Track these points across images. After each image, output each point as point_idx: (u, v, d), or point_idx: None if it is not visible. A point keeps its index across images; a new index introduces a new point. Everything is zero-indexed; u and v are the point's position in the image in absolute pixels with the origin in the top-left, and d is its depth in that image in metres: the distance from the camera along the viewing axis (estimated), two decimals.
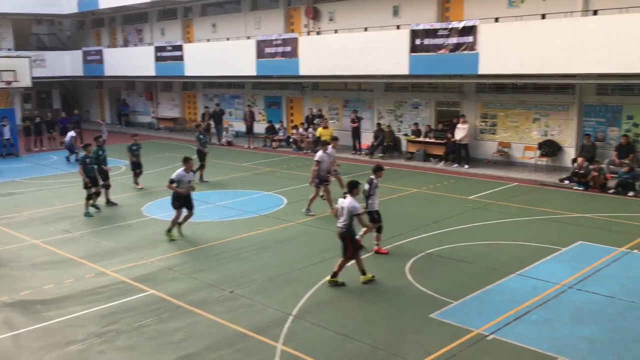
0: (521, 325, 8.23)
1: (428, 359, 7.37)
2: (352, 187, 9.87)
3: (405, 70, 20.40)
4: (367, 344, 7.81)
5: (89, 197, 15.01)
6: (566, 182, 17.32)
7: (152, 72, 30.85)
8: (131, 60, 32.13)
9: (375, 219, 11.33)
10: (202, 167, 18.90)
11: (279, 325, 8.40)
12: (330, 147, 14.64)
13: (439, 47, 19.47)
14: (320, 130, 21.77)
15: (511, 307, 8.81)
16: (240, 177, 19.41)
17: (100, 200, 15.64)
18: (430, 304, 9.01)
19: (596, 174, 16.53)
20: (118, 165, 21.45)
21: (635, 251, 11.21)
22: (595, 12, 16.89)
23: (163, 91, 34.52)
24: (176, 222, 12.85)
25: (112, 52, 34.10)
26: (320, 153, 14.33)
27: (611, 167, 17.41)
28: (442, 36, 19.35)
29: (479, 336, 7.93)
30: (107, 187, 15.99)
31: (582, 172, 16.88)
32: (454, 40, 19.04)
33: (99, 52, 34.14)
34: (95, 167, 15.40)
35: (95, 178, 15.29)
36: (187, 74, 28.94)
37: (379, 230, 11.43)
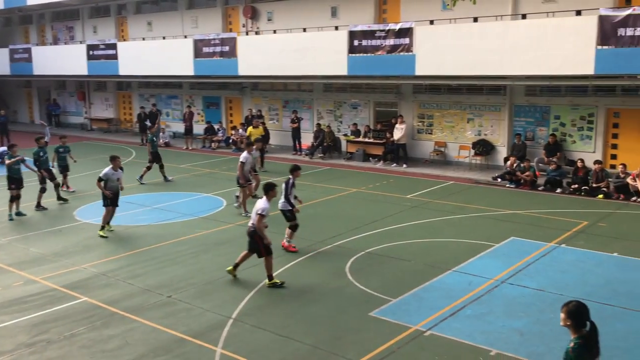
0: (457, 321, 8.44)
1: (368, 356, 7.45)
2: (268, 189, 10.06)
3: (343, 71, 20.58)
4: (308, 345, 7.82)
5: (11, 200, 14.41)
6: (499, 180, 17.91)
7: (85, 71, 29.84)
8: (62, 59, 30.95)
9: (288, 217, 11.60)
10: (161, 167, 18.84)
11: (218, 329, 8.29)
12: (254, 148, 14.99)
13: (376, 48, 19.74)
14: (250, 129, 21.66)
15: (447, 302, 9.02)
16: (178, 179, 19.05)
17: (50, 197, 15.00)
18: (369, 302, 9.11)
19: (527, 174, 17.16)
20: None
21: (563, 245, 11.71)
22: (524, 16, 17.55)
23: (96, 91, 33.47)
24: (108, 220, 13.02)
25: (41, 50, 32.76)
26: (245, 154, 14.47)
27: (540, 165, 18.14)
28: (379, 37, 19.62)
29: (417, 332, 8.08)
30: (42, 190, 15.54)
31: (513, 170, 17.50)
32: (391, 41, 19.35)
33: (27, 50, 32.72)
34: (21, 167, 14.78)
35: (20, 180, 14.61)
36: (121, 73, 28.16)
37: (293, 228, 11.64)
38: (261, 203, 9.85)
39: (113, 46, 28.24)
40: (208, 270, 10.68)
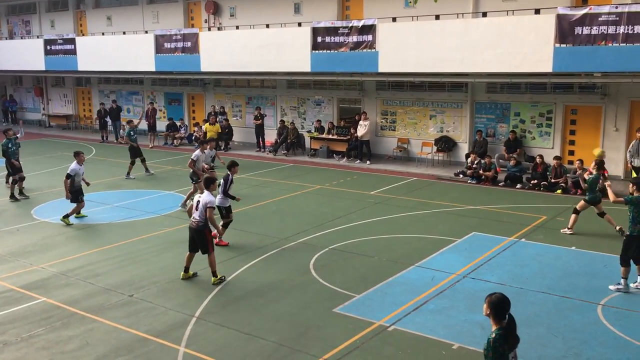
0: (420, 315, 8.54)
1: (332, 352, 7.47)
2: (210, 183, 10.13)
3: (307, 68, 20.55)
4: (272, 342, 7.80)
5: None
6: (460, 176, 18.18)
7: (42, 67, 29.06)
8: (18, 54, 30.05)
9: (223, 214, 11.74)
10: (143, 161, 18.93)
11: (181, 328, 8.20)
12: (208, 147, 15.09)
13: (339, 45, 19.77)
14: (207, 126, 21.50)
15: (411, 297, 9.11)
16: (140, 177, 18.74)
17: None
18: (333, 298, 9.13)
19: (490, 174, 17.46)
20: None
21: (523, 240, 11.96)
22: (484, 14, 17.83)
23: (54, 87, 32.65)
24: (77, 212, 13.47)
25: None
26: (197, 152, 14.47)
27: (501, 161, 18.48)
28: (342, 34, 19.66)
29: (380, 327, 8.14)
30: (21, 179, 15.90)
31: (474, 166, 17.78)
32: (354, 38, 19.42)
33: None
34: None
35: None
36: (80, 68, 27.50)
37: (226, 225, 11.78)
38: (207, 197, 9.77)
39: (71, 41, 27.57)
40: (170, 268, 10.53)
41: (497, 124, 19.48)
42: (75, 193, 13.35)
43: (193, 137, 25.44)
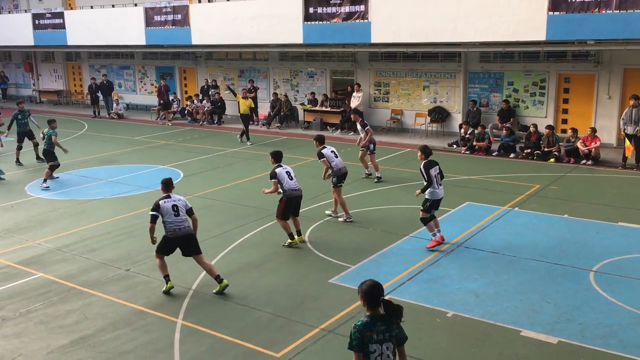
0: (414, 284, 8.63)
1: (328, 322, 7.56)
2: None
3: (299, 39, 20.36)
4: (268, 313, 7.88)
5: None
6: (454, 146, 18.20)
7: (31, 42, 28.66)
8: (5, 29, 29.59)
9: None
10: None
11: (178, 301, 8.27)
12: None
13: (332, 15, 19.57)
14: (239, 99, 20.16)
15: (405, 267, 9.20)
16: (133, 152, 18.68)
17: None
18: (329, 269, 9.21)
19: (482, 144, 17.48)
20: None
21: (516, 209, 12.04)
22: None
23: (44, 62, 32.27)
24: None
25: None
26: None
27: (494, 131, 18.49)
28: (335, 5, 19.44)
29: None
30: (35, 144, 17.33)
31: (467, 136, 17.78)
32: (346, 9, 19.21)
33: None
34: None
35: None
36: (70, 43, 27.15)
37: None
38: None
39: (60, 15, 27.16)
40: None
41: (490, 94, 19.44)
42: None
43: (186, 112, 25.29)
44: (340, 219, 11.61)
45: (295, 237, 10.25)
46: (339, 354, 6.86)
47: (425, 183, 9.84)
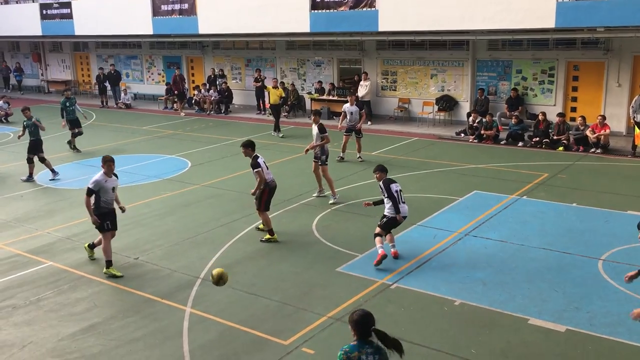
0: (422, 273, 8.64)
1: (336, 310, 7.59)
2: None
3: (306, 28, 20.27)
4: (276, 301, 7.92)
5: None
6: (462, 135, 18.13)
7: (39, 32, 28.71)
8: (14, 19, 29.65)
9: None
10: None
11: (186, 289, 8.32)
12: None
13: (339, 4, 19.46)
14: (270, 89, 19.75)
15: (413, 256, 9.20)
16: (141, 141, 18.73)
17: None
18: (336, 258, 9.23)
19: (490, 133, 17.39)
20: (6, 133, 20.06)
21: (525, 197, 12.00)
22: None
23: (52, 52, 32.33)
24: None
25: None
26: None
27: (502, 119, 18.39)
28: None
29: (383, 285, 8.25)
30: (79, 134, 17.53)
31: (475, 125, 17.71)
32: None
33: None
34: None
35: None
36: (77, 33, 27.17)
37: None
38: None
39: (67, 5, 27.16)
40: (174, 232, 10.63)
41: (498, 82, 19.33)
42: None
43: (193, 101, 25.30)
44: (321, 195, 12.25)
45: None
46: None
47: (383, 198, 9.28)
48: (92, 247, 9.51)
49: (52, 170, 14.50)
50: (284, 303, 7.85)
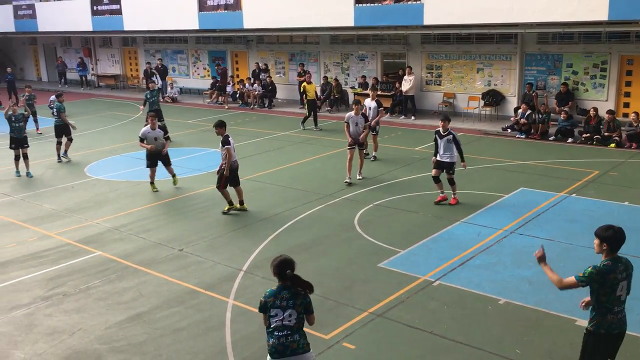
0: (466, 270, 8.51)
1: (377, 306, 7.55)
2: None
3: (350, 22, 20.20)
4: (317, 295, 7.90)
5: (15, 159, 14.47)
6: (509, 130, 17.76)
7: (89, 27, 29.52)
8: (66, 15, 30.57)
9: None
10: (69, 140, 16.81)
11: (229, 281, 8.42)
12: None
13: None
14: (305, 85, 19.90)
15: (456, 253, 9.08)
16: (186, 135, 19.05)
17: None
18: (378, 254, 9.18)
19: (541, 126, 16.98)
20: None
21: (574, 195, 11.67)
22: None
23: (102, 47, 33.17)
24: (152, 180, 13.01)
25: (45, 6, 32.33)
26: (349, 114, 13.06)
27: (551, 115, 17.92)
28: None
29: (425, 282, 8.17)
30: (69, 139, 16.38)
31: (525, 120, 17.31)
32: None
33: (31, 7, 32.32)
34: (20, 125, 14.43)
35: (18, 139, 14.44)
36: (126, 28, 27.81)
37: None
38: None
39: (117, 1, 27.82)
40: (218, 224, 10.78)
41: (548, 76, 18.83)
42: (150, 157, 12.86)
43: (237, 95, 25.56)
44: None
45: (236, 204, 11.23)
46: (387, 337, 6.86)
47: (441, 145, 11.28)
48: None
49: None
50: (325, 297, 7.86)
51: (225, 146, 10.86)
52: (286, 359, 4.91)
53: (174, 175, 13.22)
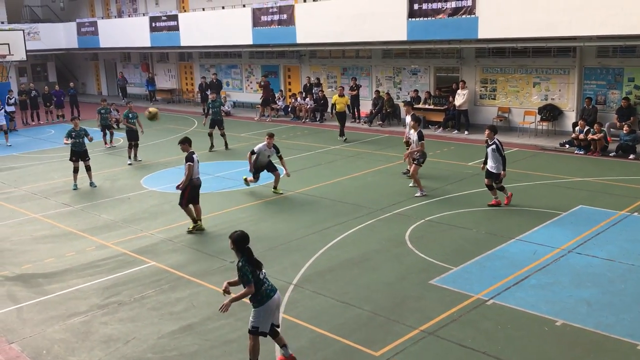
0: (521, 290, 8.26)
1: (428, 324, 7.41)
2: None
3: (403, 36, 20.15)
4: (368, 311, 7.85)
5: (74, 171, 14.95)
6: (567, 146, 17.24)
7: (148, 43, 30.49)
8: (126, 31, 31.72)
9: None
10: (135, 146, 18.14)
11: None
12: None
13: (437, 11, 19.19)
14: (335, 97, 20.28)
15: (511, 272, 8.83)
16: (238, 148, 19.32)
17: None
18: (430, 270, 9.03)
19: (598, 136, 16.42)
20: (116, 138, 21.38)
21: (635, 214, 11.20)
22: None
23: (159, 62, 34.17)
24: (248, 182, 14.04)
25: (106, 23, 33.65)
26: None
27: (612, 130, 17.32)
28: (440, 0, 19.04)
29: (478, 301, 7.97)
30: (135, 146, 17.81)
31: (582, 136, 16.77)
32: (452, 4, 18.77)
33: (94, 24, 33.69)
34: (82, 140, 14.94)
35: (78, 152, 14.95)
36: (182, 44, 28.60)
37: None
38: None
39: (174, 17, 28.67)
40: (268, 237, 10.84)
41: (608, 91, 18.22)
42: (257, 170, 13.69)
43: (289, 109, 25.80)
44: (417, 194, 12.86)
45: (200, 223, 11.36)
46: (439, 356, 6.71)
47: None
48: None
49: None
50: (375, 313, 7.77)
51: (188, 162, 11.00)
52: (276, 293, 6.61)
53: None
